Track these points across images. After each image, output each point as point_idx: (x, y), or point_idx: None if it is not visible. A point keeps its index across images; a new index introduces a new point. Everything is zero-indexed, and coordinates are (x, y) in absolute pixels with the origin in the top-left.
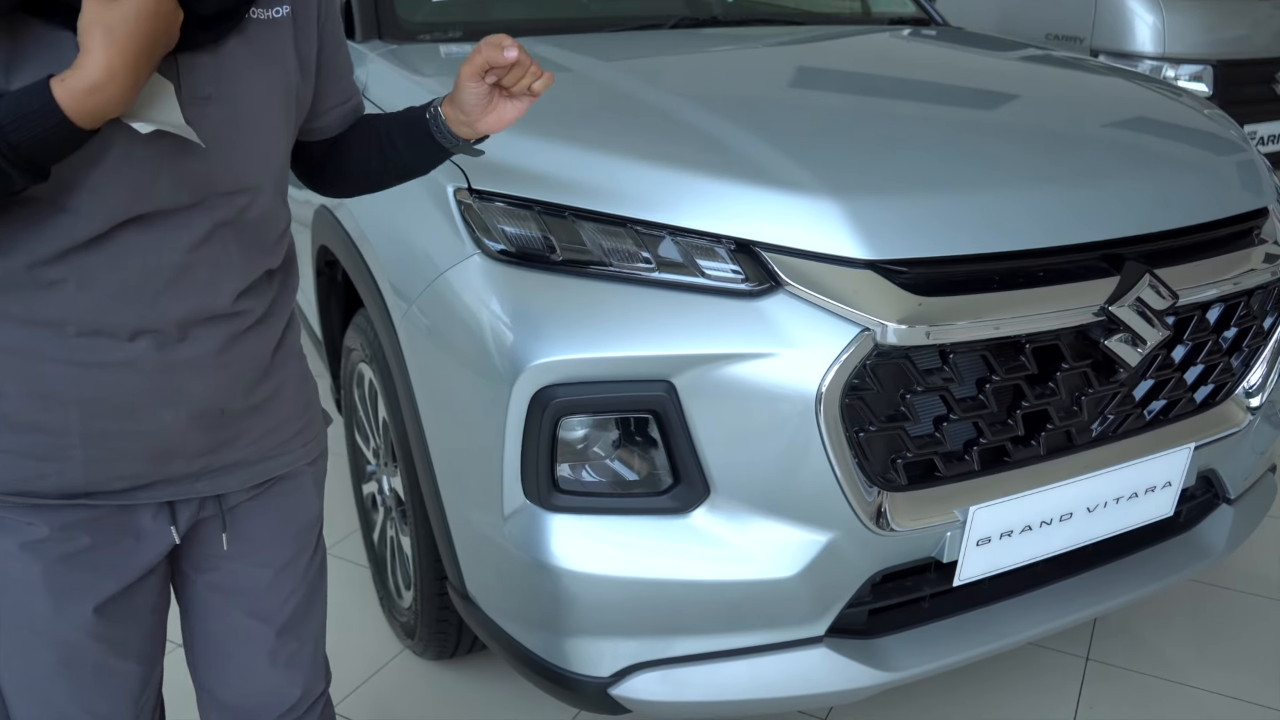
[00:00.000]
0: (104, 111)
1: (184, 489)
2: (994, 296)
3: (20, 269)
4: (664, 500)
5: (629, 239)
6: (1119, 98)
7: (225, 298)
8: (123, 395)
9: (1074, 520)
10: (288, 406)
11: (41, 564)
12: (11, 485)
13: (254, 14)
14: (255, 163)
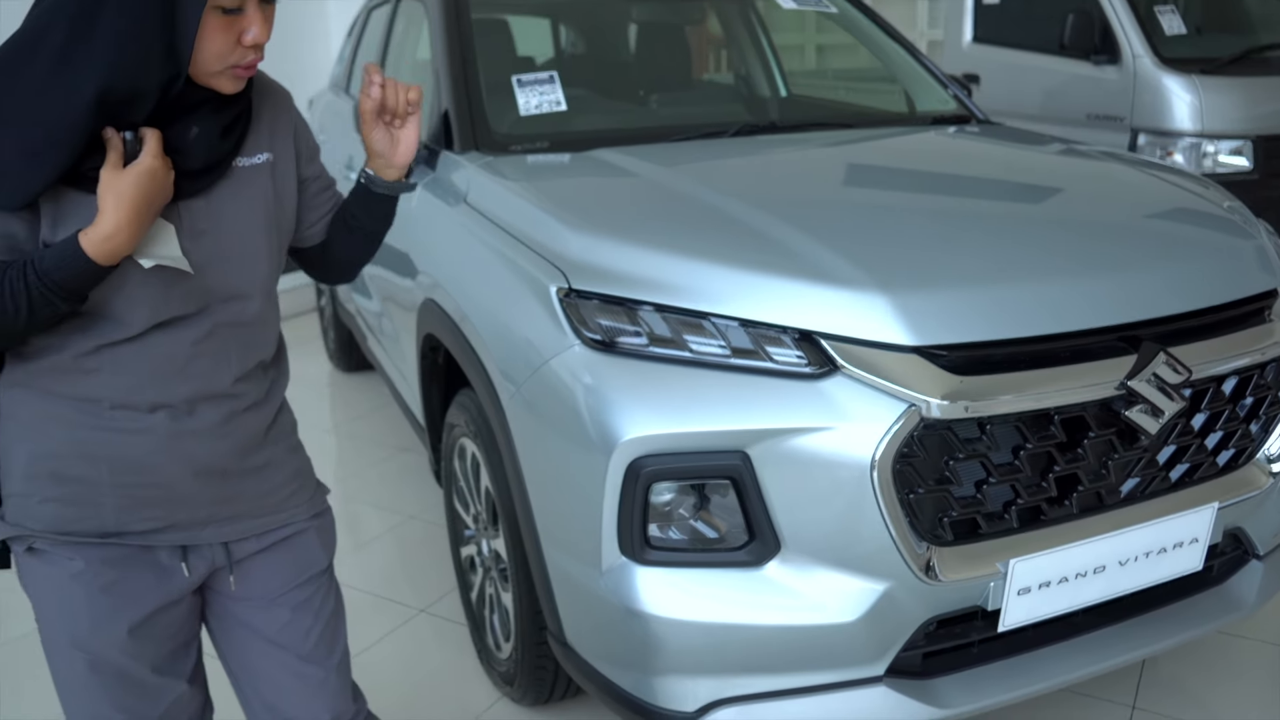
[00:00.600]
0: (117, 253)
1: (193, 535)
2: (1025, 375)
3: (68, 360)
4: (741, 555)
5: (707, 330)
6: (1139, 190)
7: (225, 382)
8: (143, 455)
9: (1107, 573)
10: (280, 474)
11: (84, 591)
12: (58, 526)
13: (239, 163)
14: (245, 277)
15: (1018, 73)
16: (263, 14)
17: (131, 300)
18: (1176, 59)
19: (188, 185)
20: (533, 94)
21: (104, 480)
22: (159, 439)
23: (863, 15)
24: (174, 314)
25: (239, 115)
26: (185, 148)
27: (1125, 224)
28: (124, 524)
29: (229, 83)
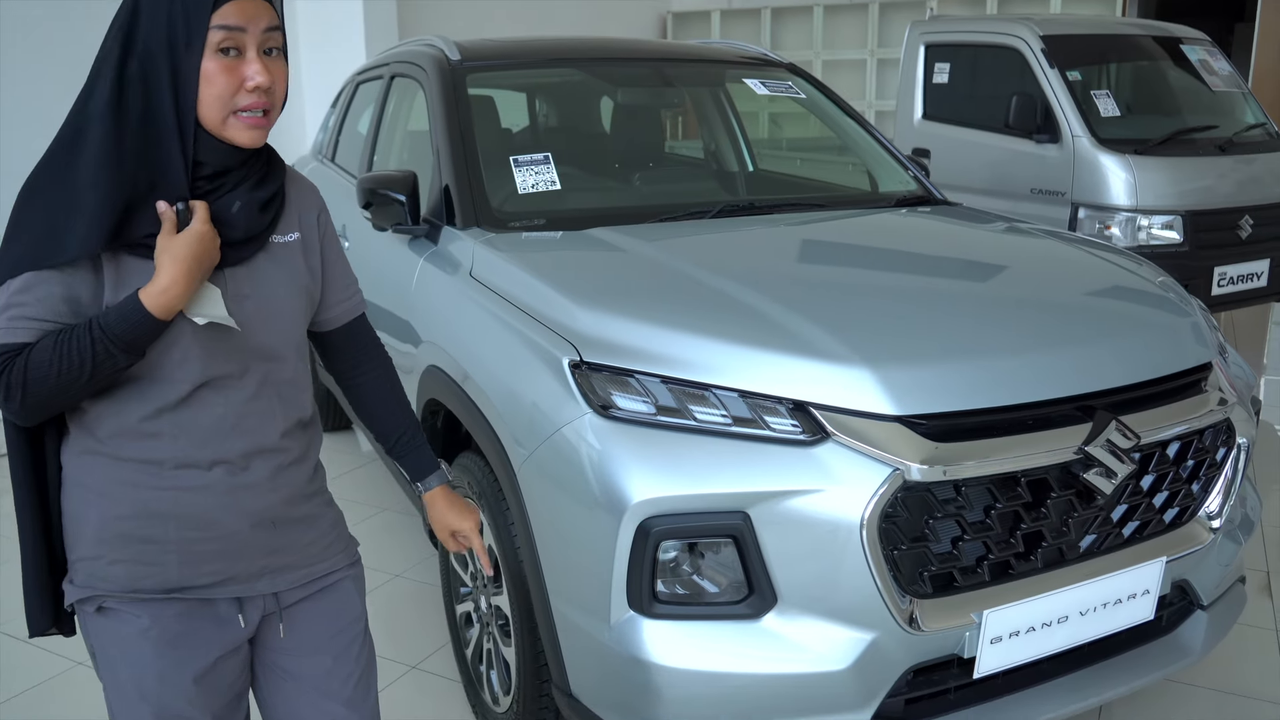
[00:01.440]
0: (171, 307)
1: (249, 586)
2: (995, 441)
3: (134, 423)
4: (740, 608)
5: (709, 400)
6: (1087, 270)
7: (273, 437)
8: (204, 510)
9: (1070, 623)
10: (322, 524)
11: (152, 646)
12: (127, 585)
13: (274, 239)
14: (280, 338)
15: (965, 148)
16: (264, 61)
17: (182, 358)
18: (1112, 139)
19: (231, 254)
20: (529, 173)
21: (169, 538)
22: (218, 494)
23: (828, 101)
24: (219, 373)
25: (274, 195)
26: (229, 220)
27: (1078, 302)
28: (186, 579)
29: (240, 132)
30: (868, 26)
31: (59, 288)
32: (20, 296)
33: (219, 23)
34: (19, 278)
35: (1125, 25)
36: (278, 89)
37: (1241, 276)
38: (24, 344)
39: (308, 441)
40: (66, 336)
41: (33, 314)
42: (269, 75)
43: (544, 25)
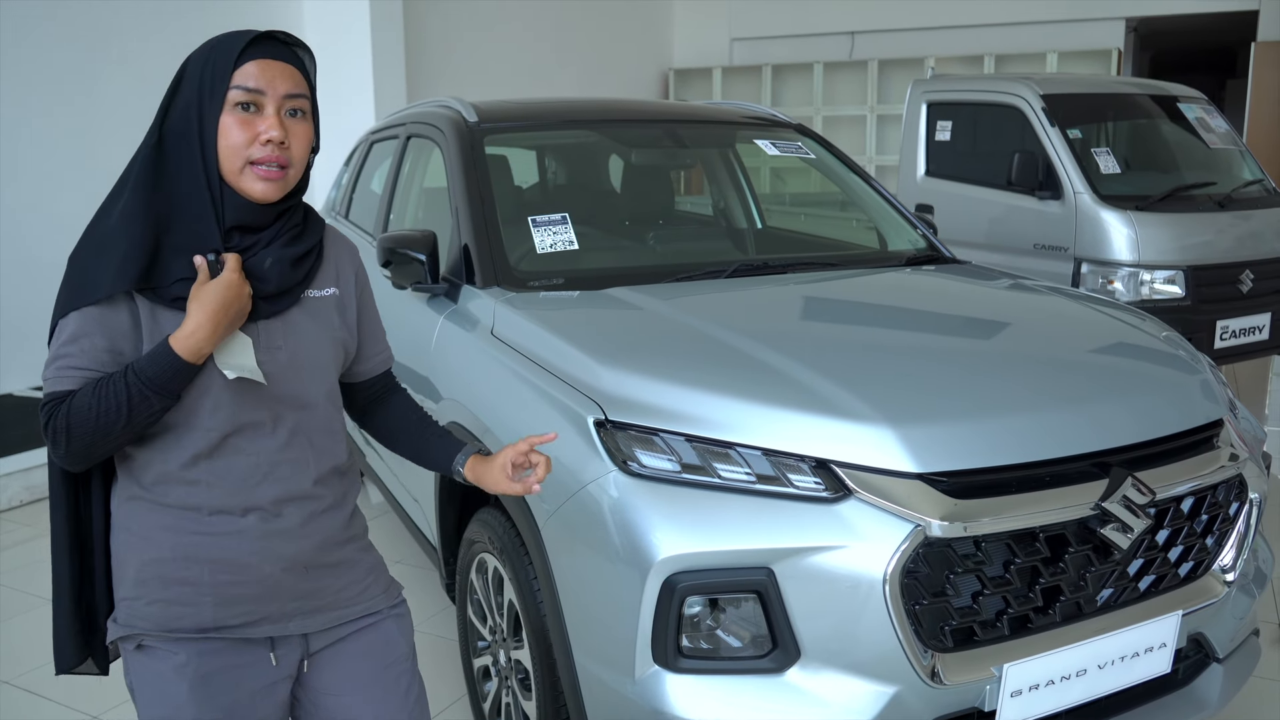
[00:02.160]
0: (199, 350)
1: (281, 627)
2: (1014, 498)
3: (174, 470)
4: (765, 662)
5: (733, 458)
6: (1099, 328)
7: (306, 484)
8: (238, 555)
9: (1088, 676)
10: (358, 569)
11: (188, 682)
12: (164, 625)
13: (309, 294)
14: (312, 387)
15: (968, 204)
16: (282, 119)
17: (214, 406)
18: (1113, 195)
19: (265, 307)
20: (547, 233)
21: (204, 580)
22: (251, 540)
23: (838, 161)
24: (249, 420)
25: (309, 252)
26: (262, 275)
27: (1092, 360)
28: (220, 619)
29: (254, 183)
30: (867, 83)
31: (102, 340)
32: (67, 348)
33: (238, 83)
34: (68, 329)
35: (1123, 84)
36: (295, 147)
37: (1244, 330)
38: (69, 391)
39: (344, 489)
40: (105, 382)
41: (78, 364)
42: (283, 131)
43: (547, 82)
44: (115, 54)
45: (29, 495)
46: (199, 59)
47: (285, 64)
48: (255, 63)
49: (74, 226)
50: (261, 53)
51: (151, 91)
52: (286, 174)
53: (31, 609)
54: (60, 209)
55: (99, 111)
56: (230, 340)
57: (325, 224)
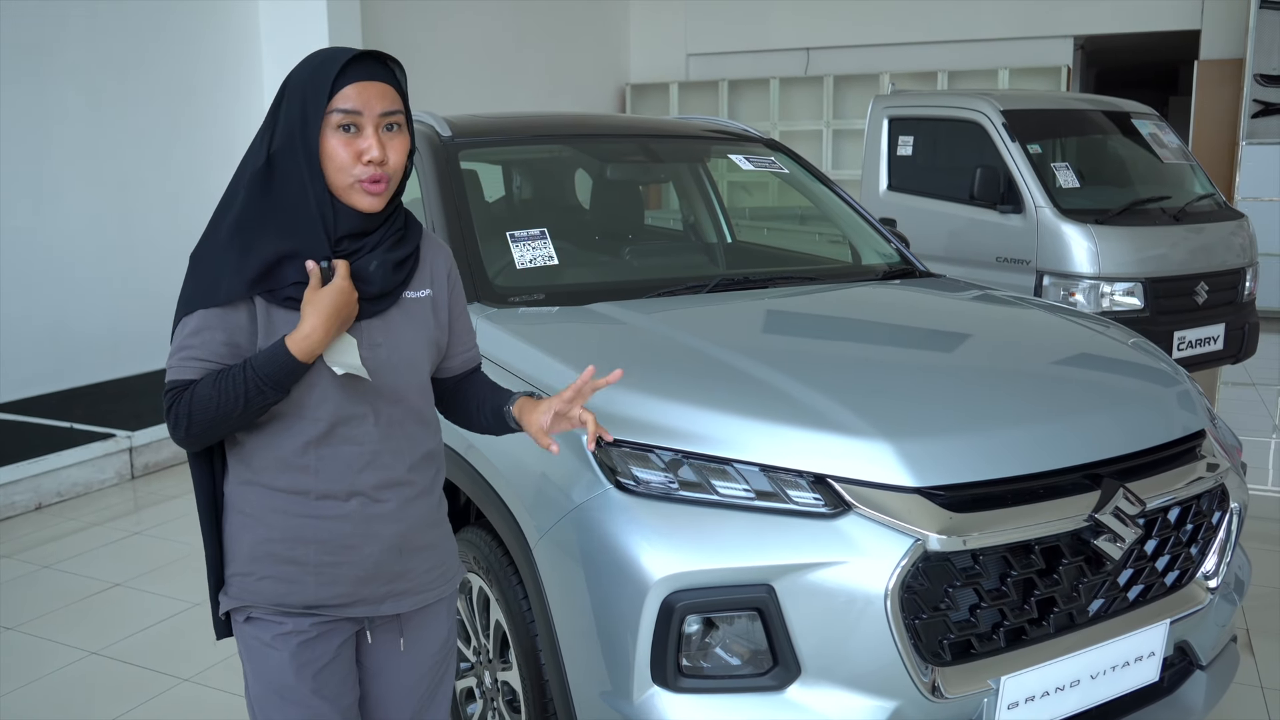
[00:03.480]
0: (312, 351)
1: (375, 608)
2: (1010, 510)
3: (285, 456)
4: (765, 680)
5: (730, 474)
6: (1082, 341)
7: (401, 471)
8: (341, 537)
9: (1081, 686)
10: (441, 552)
11: (289, 652)
12: (272, 599)
13: (407, 295)
14: (407, 381)
15: (930, 218)
16: (380, 137)
17: (321, 398)
18: (1073, 209)
19: (367, 307)
20: (526, 249)
21: (310, 560)
22: (355, 522)
23: (811, 178)
24: (352, 412)
25: (409, 256)
26: (366, 277)
27: (1079, 373)
28: (321, 599)
29: (362, 198)
30: (823, 98)
31: (221, 334)
32: (190, 340)
33: (337, 105)
34: (190, 324)
35: (1079, 100)
36: (393, 160)
37: (1199, 340)
38: (190, 380)
39: (433, 475)
40: (225, 375)
41: (199, 355)
42: (383, 151)
43: (504, 95)
44: (61, 64)
45: None
46: (299, 81)
47: (380, 83)
48: (353, 85)
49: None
50: (357, 74)
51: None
52: (388, 185)
53: None
54: (7, 220)
55: (53, 124)
56: (338, 341)
57: (422, 228)
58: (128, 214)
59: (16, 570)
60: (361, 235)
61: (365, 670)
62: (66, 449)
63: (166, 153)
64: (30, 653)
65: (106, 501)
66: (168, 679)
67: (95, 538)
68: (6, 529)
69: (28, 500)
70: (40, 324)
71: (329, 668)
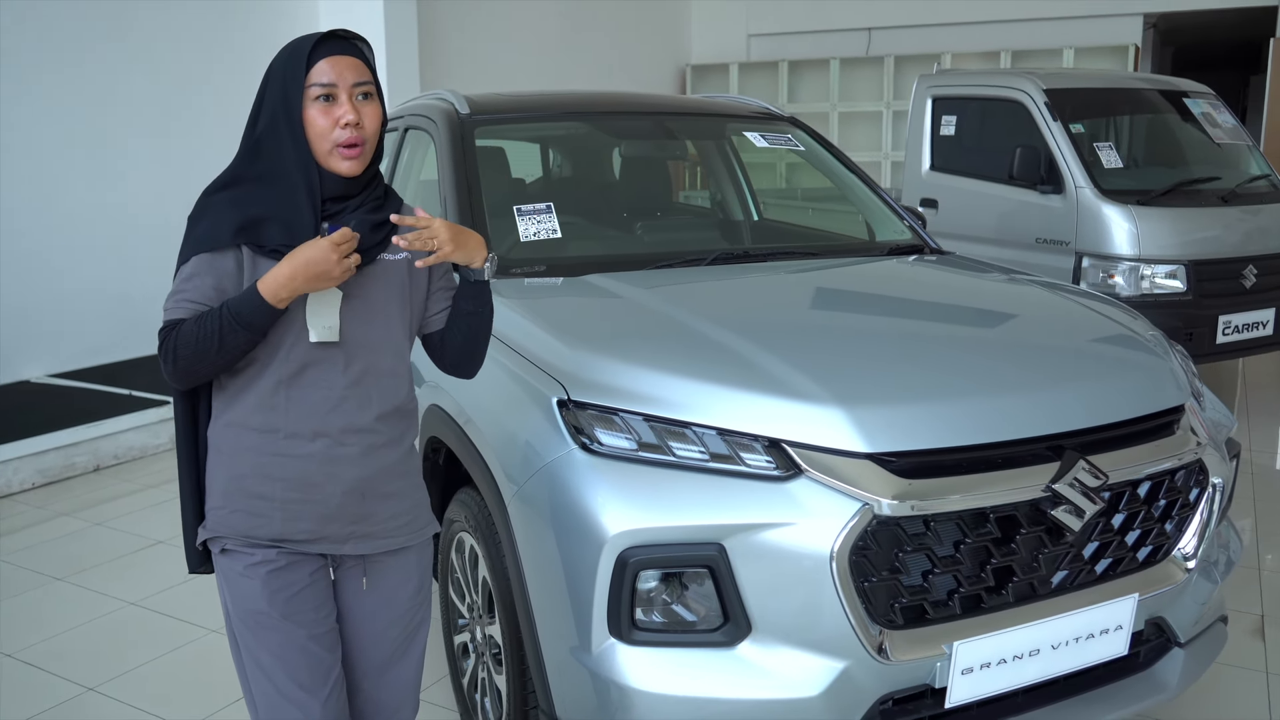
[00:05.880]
0: (277, 294)
1: (337, 546)
2: (964, 478)
3: (263, 393)
4: (716, 636)
5: (689, 437)
6: (1067, 316)
7: (368, 419)
8: (306, 475)
9: (1041, 656)
10: (406, 502)
11: (260, 580)
12: (241, 532)
13: (383, 257)
14: (379, 336)
15: (972, 198)
16: (355, 105)
17: (294, 341)
18: (1115, 190)
19: None
20: (531, 222)
21: (276, 496)
22: (319, 462)
23: (827, 152)
24: (324, 356)
25: (385, 221)
26: None
27: (1053, 347)
28: (287, 533)
29: (341, 163)
30: (883, 79)
31: (210, 278)
32: (183, 284)
33: (314, 80)
34: (184, 270)
35: (1128, 79)
36: (368, 125)
37: (1247, 325)
38: (181, 319)
39: (403, 428)
40: (207, 314)
41: (190, 297)
42: (357, 114)
43: (563, 80)
44: (131, 49)
45: (41, 479)
46: (279, 64)
47: (350, 57)
48: (325, 60)
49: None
50: (329, 51)
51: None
52: (364, 149)
53: (39, 586)
54: (76, 197)
55: (117, 104)
56: (320, 300)
57: (402, 200)
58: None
59: (72, 526)
60: (343, 199)
61: (337, 612)
62: (124, 414)
63: (228, 138)
64: (75, 601)
65: (159, 465)
66: (198, 629)
67: (145, 499)
68: (67, 488)
69: (87, 462)
70: (103, 297)
71: (301, 595)
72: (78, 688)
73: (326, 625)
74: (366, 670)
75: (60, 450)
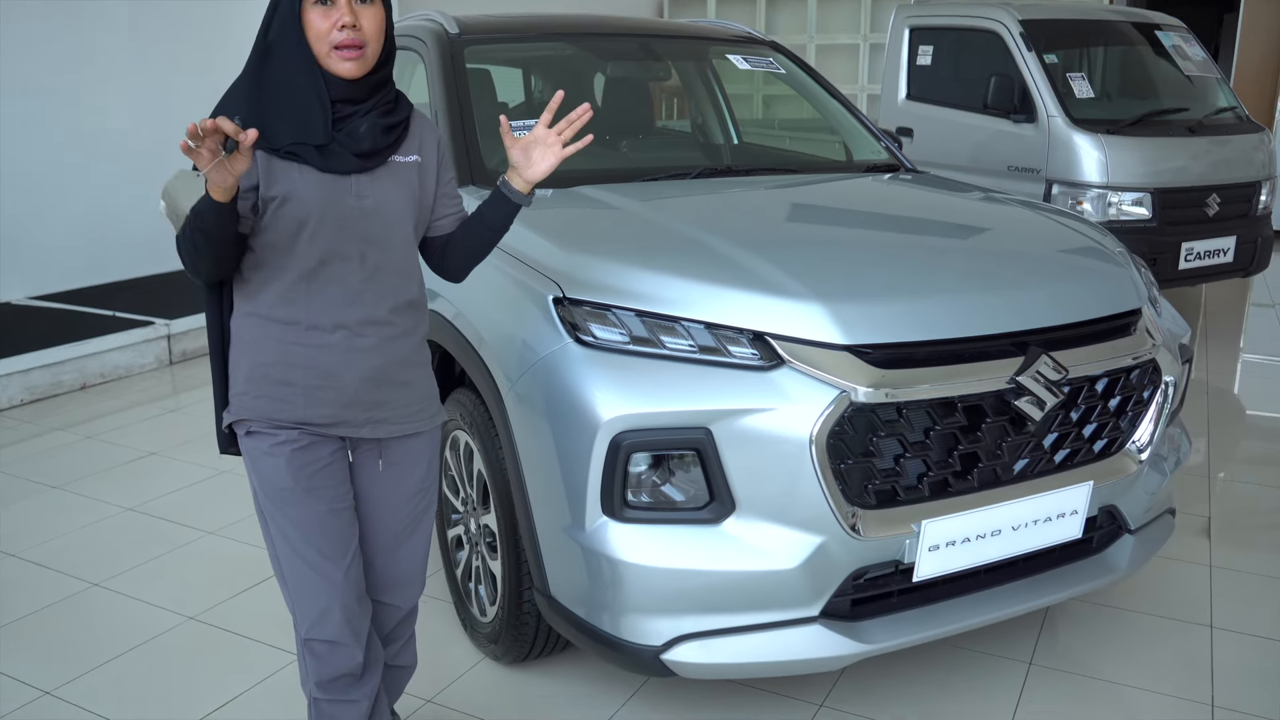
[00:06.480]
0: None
1: (355, 430)
2: (935, 370)
3: (280, 290)
4: (702, 514)
5: (678, 331)
6: (1034, 227)
7: (383, 311)
8: (326, 364)
9: (1002, 536)
10: (418, 391)
11: (284, 457)
12: (265, 414)
13: (395, 158)
14: (391, 233)
15: (947, 128)
16: (353, 7)
17: (310, 238)
18: (1086, 119)
19: (358, 163)
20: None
21: (299, 382)
22: (339, 352)
23: (807, 75)
24: (340, 252)
25: (398, 124)
26: (359, 136)
27: (1020, 252)
28: (309, 416)
29: (338, 64)
30: (860, 11)
31: None
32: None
33: None
34: None
35: (1102, 11)
36: (368, 28)
37: (1208, 252)
38: None
39: (415, 321)
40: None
41: None
42: (354, 16)
43: (544, 2)
44: None
45: (28, 395)
46: None
47: None
48: None
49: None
50: None
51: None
52: (364, 52)
53: (37, 494)
54: (55, 123)
55: (98, 30)
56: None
57: (413, 106)
58: (168, 117)
59: (63, 439)
60: (353, 102)
61: (353, 494)
62: (110, 334)
63: (207, 59)
64: (72, 508)
65: (145, 384)
66: (194, 531)
67: (135, 415)
68: (54, 405)
69: (73, 380)
70: (83, 220)
71: (322, 472)
72: (83, 583)
73: (345, 502)
74: (380, 547)
75: (47, 368)
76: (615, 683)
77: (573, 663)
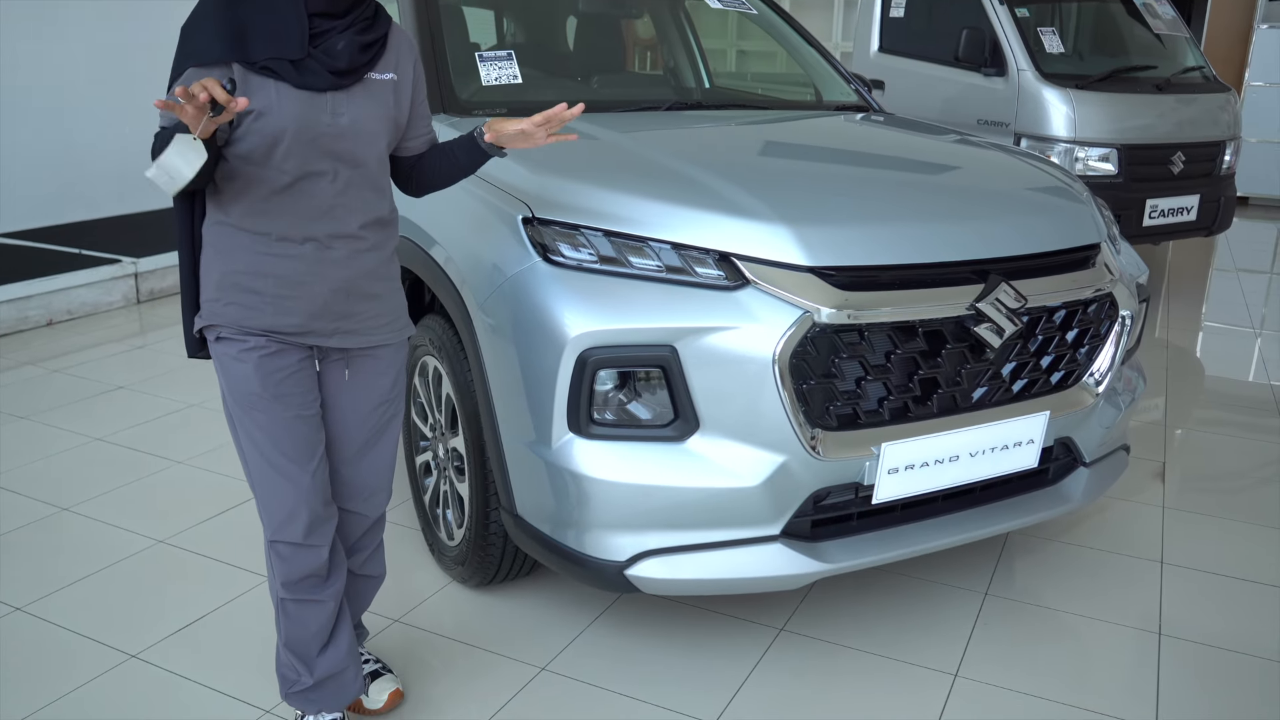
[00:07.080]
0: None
1: (323, 340)
2: (896, 294)
3: (253, 202)
4: (667, 431)
5: (646, 251)
6: (998, 165)
7: (353, 226)
8: (295, 274)
9: (960, 462)
10: (387, 304)
11: (252, 363)
12: (235, 321)
13: (371, 75)
14: (364, 148)
15: (918, 80)
16: None
17: (285, 154)
18: (1056, 74)
19: (336, 80)
20: (493, 68)
21: (268, 291)
22: (308, 263)
23: (779, 18)
24: (314, 169)
25: (375, 41)
26: (335, 54)
27: (984, 186)
28: (277, 324)
29: None
30: None
31: None
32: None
33: None
34: (178, 82)
35: None
36: None
37: (1172, 210)
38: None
39: (384, 236)
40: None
41: None
42: None
43: None
44: None
45: None
46: None
47: None
48: None
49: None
50: None
51: None
52: None
53: (3, 424)
54: (5, 66)
55: None
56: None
57: (392, 21)
58: (130, 52)
59: (30, 373)
60: (331, 16)
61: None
62: (77, 270)
63: None
64: (40, 437)
65: (113, 321)
66: (163, 461)
67: (103, 351)
68: (21, 340)
69: (40, 316)
70: (44, 158)
71: (289, 378)
72: (52, 508)
73: (312, 409)
74: (346, 456)
75: (12, 303)
76: (580, 607)
77: (538, 587)
